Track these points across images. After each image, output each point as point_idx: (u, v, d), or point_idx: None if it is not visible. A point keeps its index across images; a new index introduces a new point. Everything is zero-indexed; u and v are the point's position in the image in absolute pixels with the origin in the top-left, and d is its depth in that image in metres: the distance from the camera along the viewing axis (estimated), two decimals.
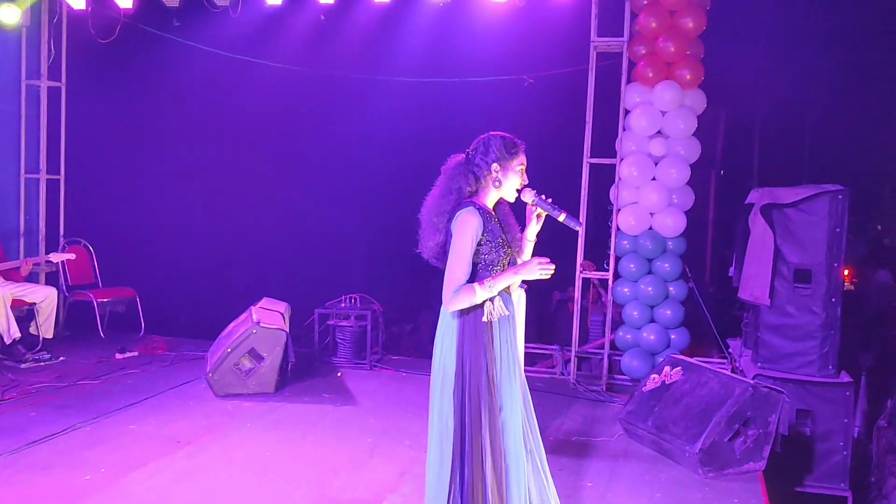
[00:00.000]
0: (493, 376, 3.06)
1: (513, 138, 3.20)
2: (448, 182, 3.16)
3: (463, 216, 3.04)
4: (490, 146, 3.15)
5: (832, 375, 5.60)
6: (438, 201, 3.15)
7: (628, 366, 6.69)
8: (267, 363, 6.08)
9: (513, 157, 3.15)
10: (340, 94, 8.69)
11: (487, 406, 3.04)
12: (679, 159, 6.58)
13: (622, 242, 6.78)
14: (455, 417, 3.07)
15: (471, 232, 3.02)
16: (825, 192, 5.58)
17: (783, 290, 5.68)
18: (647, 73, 6.59)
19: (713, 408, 4.75)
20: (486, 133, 3.21)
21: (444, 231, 3.11)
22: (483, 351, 3.05)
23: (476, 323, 3.06)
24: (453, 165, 3.19)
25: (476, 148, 3.18)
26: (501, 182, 3.14)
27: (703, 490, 4.50)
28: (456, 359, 3.08)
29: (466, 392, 3.04)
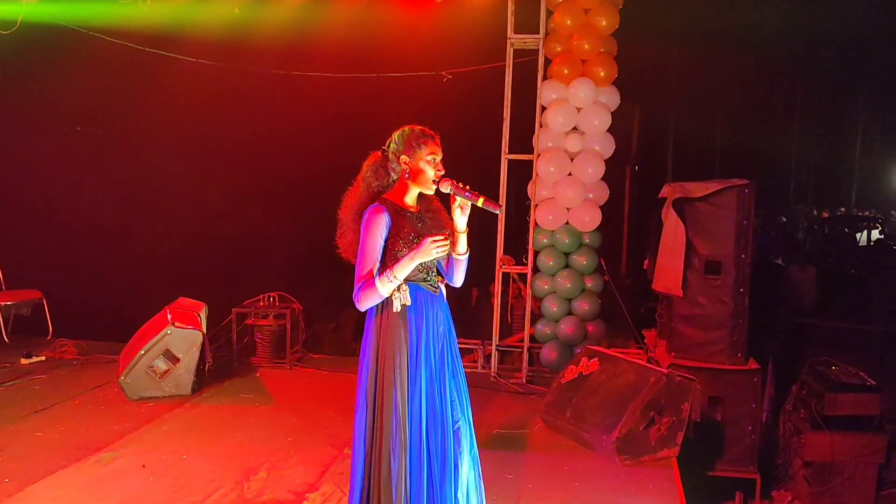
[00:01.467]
0: (405, 374, 3.03)
1: (423, 129, 3.15)
2: (363, 178, 3.15)
3: (366, 215, 3.04)
4: (398, 137, 3.12)
5: (741, 363, 5.81)
6: (353, 200, 3.14)
7: (547, 358, 6.79)
8: (183, 364, 5.93)
9: (421, 147, 3.09)
10: (257, 89, 8.53)
11: (395, 403, 3.02)
12: (594, 155, 6.71)
13: (540, 237, 6.87)
14: (367, 415, 3.07)
15: (375, 229, 3.01)
16: (733, 186, 5.78)
17: (695, 281, 5.86)
18: (563, 70, 6.70)
19: (628, 397, 4.86)
20: (402, 127, 3.18)
21: (357, 230, 3.09)
22: (397, 348, 3.03)
23: (390, 317, 3.05)
24: (369, 162, 3.17)
25: (389, 143, 3.16)
26: (411, 173, 3.10)
27: (620, 478, 4.60)
28: (371, 357, 3.07)
29: (378, 390, 3.04)
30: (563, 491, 4.40)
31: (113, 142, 8.94)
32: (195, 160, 9.12)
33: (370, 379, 3.08)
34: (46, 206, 8.80)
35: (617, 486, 4.48)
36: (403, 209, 3.11)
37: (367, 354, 3.11)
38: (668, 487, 4.48)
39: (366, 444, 3.08)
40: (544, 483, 4.50)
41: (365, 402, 3.09)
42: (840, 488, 6.57)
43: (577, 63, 6.73)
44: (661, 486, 4.50)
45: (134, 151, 9.06)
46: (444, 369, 3.12)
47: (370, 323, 3.11)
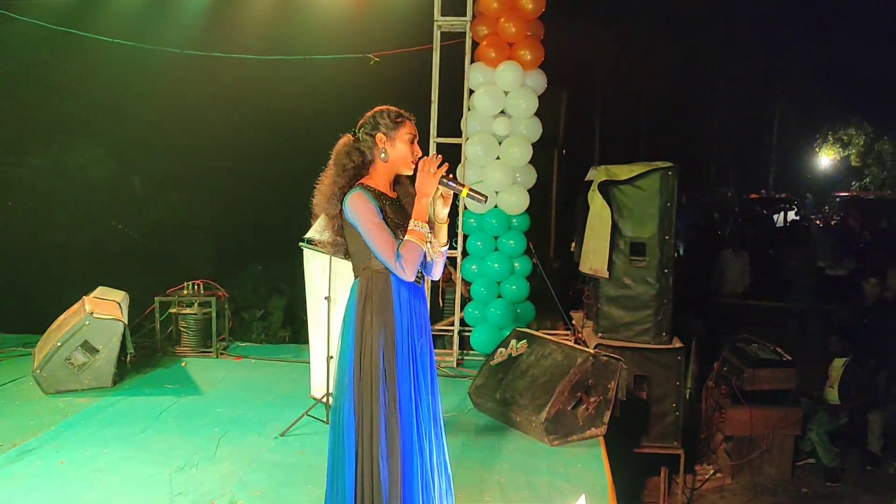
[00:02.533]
0: (394, 369, 2.93)
1: (399, 110, 3.06)
2: (335, 163, 3.01)
3: (352, 200, 2.90)
4: (374, 119, 3.02)
5: (666, 342, 5.96)
6: (330, 186, 2.99)
7: (477, 341, 6.83)
8: (103, 356, 5.73)
9: (398, 126, 3.00)
10: (175, 72, 8.26)
11: (384, 395, 2.92)
12: (522, 139, 6.74)
13: (469, 221, 6.88)
14: (353, 407, 2.93)
15: (370, 207, 2.89)
16: (657, 169, 5.90)
17: (620, 262, 5.97)
18: (490, 53, 6.69)
19: (556, 378, 4.92)
20: (376, 107, 3.06)
21: (337, 217, 2.97)
22: (383, 343, 2.93)
23: (375, 310, 2.94)
24: (340, 145, 3.04)
25: (362, 125, 3.05)
26: (388, 154, 2.99)
27: (550, 457, 4.66)
28: (354, 353, 2.94)
29: (365, 388, 2.92)
30: (494, 472, 4.43)
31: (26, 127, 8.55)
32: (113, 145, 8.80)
33: (354, 376, 2.93)
34: None
35: (546, 466, 4.53)
36: (383, 194, 3.00)
37: (349, 351, 2.96)
38: (596, 465, 4.56)
39: (356, 445, 2.92)
40: (475, 465, 4.52)
41: (350, 401, 2.94)
42: (759, 460, 6.85)
43: (504, 46, 6.74)
44: (589, 464, 4.57)
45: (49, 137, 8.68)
46: (426, 362, 3.07)
47: (352, 317, 2.98)
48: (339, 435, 2.97)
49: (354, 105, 3.26)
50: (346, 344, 2.98)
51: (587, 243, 6.18)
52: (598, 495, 4.11)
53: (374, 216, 2.89)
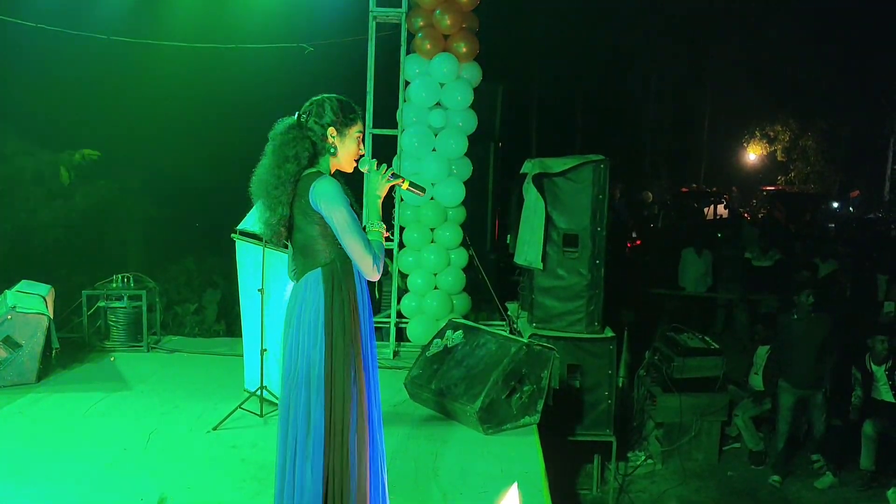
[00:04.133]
0: (360, 360, 2.91)
1: (349, 101, 2.97)
2: (281, 149, 2.85)
3: (327, 185, 2.80)
4: (325, 108, 2.90)
5: (598, 331, 6.09)
6: (275, 171, 2.84)
7: (414, 332, 6.84)
8: (26, 351, 5.56)
9: (351, 122, 2.92)
10: (105, 58, 8.03)
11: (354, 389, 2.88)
12: (457, 131, 6.77)
13: (405, 212, 6.88)
14: (323, 402, 2.86)
15: (344, 197, 2.81)
16: (589, 162, 6.01)
17: (554, 254, 6.06)
18: (426, 45, 6.70)
19: (491, 367, 4.97)
20: (320, 94, 2.95)
21: (287, 205, 2.85)
22: (351, 334, 2.89)
23: (343, 301, 2.88)
24: (284, 130, 2.89)
25: (309, 111, 2.91)
26: (338, 150, 2.91)
27: (484, 446, 4.70)
28: (324, 343, 2.85)
29: (335, 373, 2.87)
30: (430, 461, 4.45)
31: None
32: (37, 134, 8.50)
33: (326, 370, 2.85)
34: None
35: (481, 454, 4.58)
36: None
37: (318, 344, 2.86)
38: (530, 453, 4.63)
39: (325, 438, 2.84)
40: (410, 454, 4.54)
41: (319, 395, 2.85)
42: (688, 446, 7.07)
43: (440, 38, 6.75)
44: (523, 452, 4.64)
45: None
46: (376, 356, 3.07)
47: (319, 309, 2.87)
48: (303, 429, 2.86)
49: (290, 95, 3.23)
50: (313, 337, 2.86)
51: (522, 235, 6.25)
52: (532, 483, 4.17)
53: (349, 209, 2.81)
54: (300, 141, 2.86)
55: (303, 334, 2.89)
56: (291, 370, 2.91)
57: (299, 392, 2.88)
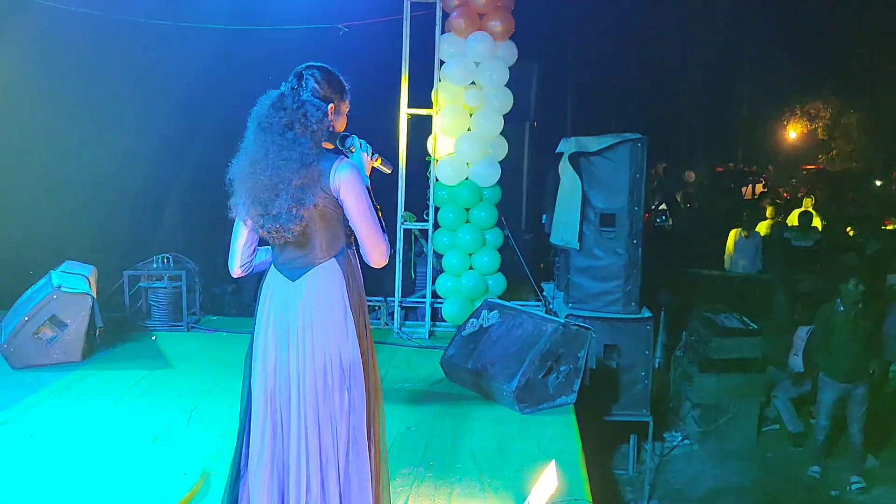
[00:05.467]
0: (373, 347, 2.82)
1: (339, 74, 2.73)
2: (290, 127, 2.54)
3: (349, 171, 2.59)
4: (322, 82, 2.65)
5: (635, 312, 6.04)
6: (291, 153, 2.52)
7: (449, 312, 6.86)
8: (71, 330, 5.68)
9: (346, 96, 2.73)
10: (142, 41, 8.10)
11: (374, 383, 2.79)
12: (493, 110, 6.74)
13: (441, 193, 6.88)
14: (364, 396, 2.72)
15: (366, 180, 2.68)
16: (626, 140, 5.94)
17: (590, 234, 6.02)
18: (461, 23, 6.66)
19: (527, 347, 4.97)
20: (306, 65, 2.68)
21: (315, 192, 2.55)
22: (362, 306, 2.76)
23: (355, 275, 2.74)
24: (284, 105, 2.57)
25: (301, 86, 2.64)
26: (334, 127, 2.71)
27: (521, 425, 4.72)
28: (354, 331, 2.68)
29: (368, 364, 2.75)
30: (466, 440, 4.48)
31: None
32: (79, 116, 8.63)
33: (363, 363, 2.70)
34: None
35: (518, 433, 4.59)
36: None
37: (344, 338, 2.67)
38: (567, 433, 4.63)
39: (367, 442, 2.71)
40: (447, 434, 4.57)
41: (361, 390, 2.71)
42: (725, 427, 7.00)
43: (475, 16, 6.70)
44: (559, 432, 4.64)
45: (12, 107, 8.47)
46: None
47: (342, 300, 2.67)
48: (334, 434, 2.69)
49: None
50: (341, 332, 2.66)
51: (558, 215, 6.23)
52: (569, 462, 4.17)
53: (371, 194, 2.67)
54: (309, 118, 2.57)
55: (321, 334, 2.64)
56: (314, 378, 2.65)
57: (331, 400, 2.66)
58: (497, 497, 3.79)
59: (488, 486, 3.91)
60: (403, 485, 3.88)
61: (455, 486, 3.90)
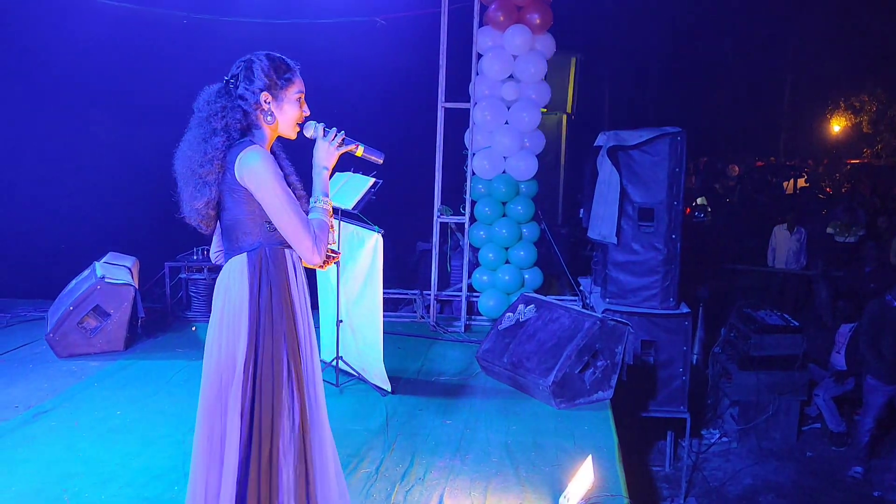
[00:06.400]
0: (298, 357, 2.56)
1: (283, 58, 2.57)
2: (209, 120, 2.48)
3: (252, 158, 2.42)
4: (254, 70, 2.51)
5: (673, 307, 5.98)
6: (201, 146, 2.45)
7: (485, 306, 6.85)
8: (114, 320, 5.78)
9: (287, 83, 2.53)
10: (184, 36, 8.21)
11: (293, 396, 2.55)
12: (530, 103, 6.70)
13: (477, 186, 6.87)
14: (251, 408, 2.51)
15: (275, 170, 2.44)
16: (666, 134, 5.87)
17: (628, 228, 5.96)
18: (499, 16, 6.63)
19: (564, 342, 4.95)
20: (249, 54, 2.57)
21: (215, 184, 2.47)
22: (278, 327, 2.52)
23: (271, 289, 2.51)
24: (211, 99, 2.51)
25: (237, 74, 2.53)
26: (275, 116, 2.53)
27: (557, 420, 4.70)
28: (248, 338, 2.49)
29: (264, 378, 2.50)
30: (502, 434, 4.48)
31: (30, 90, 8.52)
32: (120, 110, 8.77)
33: (248, 373, 2.49)
34: None
35: (554, 428, 4.58)
36: (273, 154, 2.60)
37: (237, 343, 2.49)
38: (603, 428, 4.61)
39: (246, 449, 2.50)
40: (483, 427, 4.58)
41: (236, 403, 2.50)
42: (765, 425, 6.90)
43: (513, 9, 6.67)
44: (596, 427, 4.62)
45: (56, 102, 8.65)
46: (316, 349, 2.76)
47: (242, 301, 2.49)
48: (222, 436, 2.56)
49: (361, 70, 3.20)
50: (235, 332, 2.49)
51: (596, 209, 6.17)
52: (606, 457, 4.16)
53: (284, 183, 2.45)
54: (230, 111, 2.49)
55: (225, 329, 2.51)
56: (209, 376, 2.56)
57: (216, 401, 2.55)
58: (533, 491, 3.79)
59: (524, 480, 3.90)
60: (439, 477, 3.90)
61: (491, 479, 3.90)
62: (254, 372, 2.48)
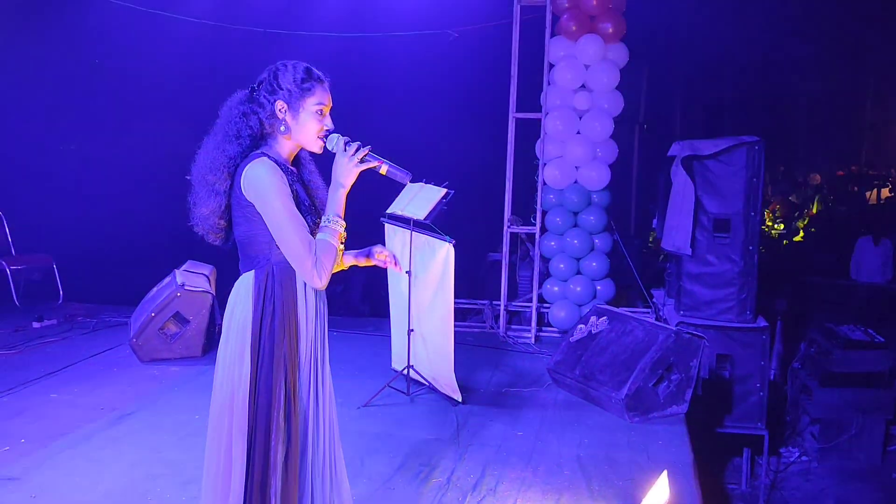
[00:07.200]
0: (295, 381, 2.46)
1: (309, 68, 2.45)
2: (225, 128, 2.42)
3: (256, 171, 2.33)
4: (276, 78, 2.41)
5: (750, 321, 5.81)
6: (213, 154, 2.40)
7: (556, 317, 6.81)
8: (193, 327, 5.96)
9: (306, 93, 2.41)
10: (260, 51, 8.44)
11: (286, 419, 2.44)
12: (603, 113, 6.65)
13: (548, 196, 6.85)
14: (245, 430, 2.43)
15: (279, 185, 2.33)
16: (743, 144, 5.73)
17: (703, 239, 5.84)
18: (571, 26, 6.61)
19: (638, 355, 4.88)
20: (281, 61, 2.47)
21: (223, 194, 2.40)
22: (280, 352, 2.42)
23: (275, 312, 2.42)
24: (233, 104, 2.46)
25: (262, 81, 2.45)
26: (290, 128, 2.42)
27: (630, 434, 4.64)
28: (249, 359, 2.40)
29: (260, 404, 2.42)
30: (573, 447, 4.44)
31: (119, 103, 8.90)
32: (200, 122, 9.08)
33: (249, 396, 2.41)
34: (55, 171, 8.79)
35: (626, 442, 4.51)
36: (287, 168, 2.45)
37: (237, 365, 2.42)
38: (678, 443, 4.52)
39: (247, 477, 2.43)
40: (554, 439, 4.54)
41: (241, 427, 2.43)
42: (848, 444, 6.63)
43: (585, 19, 6.64)
44: (670, 441, 4.54)
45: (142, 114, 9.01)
46: (327, 376, 2.67)
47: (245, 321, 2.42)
48: (223, 462, 2.49)
49: (433, 81, 3.22)
50: (239, 356, 2.41)
51: (669, 220, 6.07)
52: (681, 473, 4.07)
53: (287, 199, 2.34)
54: (247, 118, 2.41)
55: (229, 348, 2.44)
56: (216, 393, 2.49)
57: (221, 419, 2.47)
58: None
59: (597, 494, 3.86)
60: (511, 489, 3.89)
61: (563, 492, 3.87)
62: (255, 393, 2.40)
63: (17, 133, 8.41)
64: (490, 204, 7.22)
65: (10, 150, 8.37)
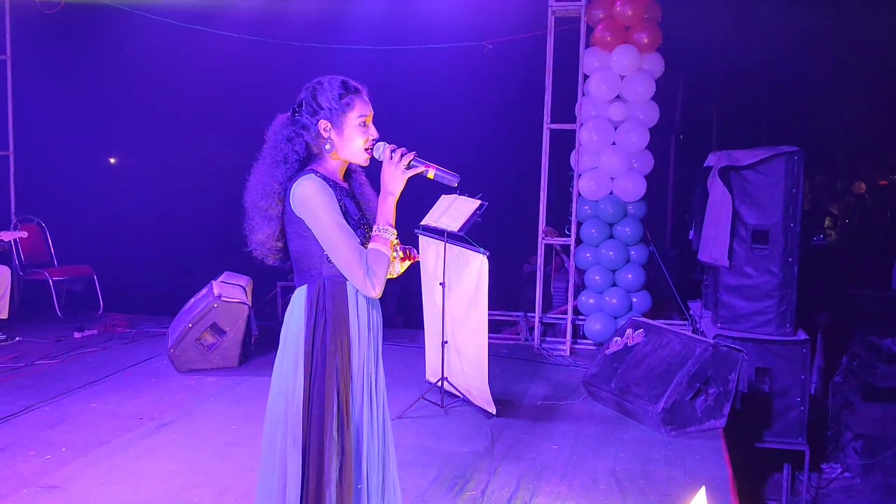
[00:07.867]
0: (348, 394, 2.46)
1: (345, 81, 2.46)
2: (272, 153, 2.46)
3: (305, 189, 2.37)
4: (316, 97, 2.45)
5: (789, 334, 5.71)
6: (263, 180, 2.44)
7: (591, 330, 6.76)
8: (229, 337, 6.02)
9: (347, 108, 2.43)
10: (296, 64, 8.55)
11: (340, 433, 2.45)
12: (638, 123, 6.61)
13: (583, 207, 6.81)
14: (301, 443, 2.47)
15: (326, 198, 2.37)
16: (782, 154, 5.65)
17: (741, 251, 5.75)
18: (606, 37, 6.59)
19: (675, 368, 4.82)
20: (316, 79, 2.49)
21: (276, 218, 2.45)
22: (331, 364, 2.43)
23: (326, 324, 2.44)
24: (277, 128, 2.50)
25: (301, 102, 2.48)
26: (335, 144, 2.45)
27: (666, 448, 4.57)
28: (303, 373, 2.44)
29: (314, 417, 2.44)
30: (609, 461, 4.39)
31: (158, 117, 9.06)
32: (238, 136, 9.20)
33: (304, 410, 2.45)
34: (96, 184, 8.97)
35: (663, 457, 4.45)
36: (337, 183, 2.48)
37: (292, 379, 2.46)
38: (716, 458, 4.45)
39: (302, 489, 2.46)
40: (589, 453, 4.50)
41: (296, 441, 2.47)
42: (892, 460, 6.47)
43: (620, 29, 6.61)
44: (708, 456, 4.46)
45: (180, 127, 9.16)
46: (382, 389, 2.67)
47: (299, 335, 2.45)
48: (278, 477, 2.52)
49: (468, 93, 3.22)
50: (293, 369, 2.45)
51: (706, 231, 6.00)
52: (719, 489, 4.00)
53: (336, 213, 2.37)
54: (293, 142, 2.45)
55: (284, 364, 2.48)
56: (270, 405, 2.54)
57: (275, 431, 2.52)
58: None
59: None
60: (546, 503, 3.85)
61: None
62: (308, 405, 2.44)
63: (59, 146, 8.60)
64: (525, 215, 7.20)
65: (52, 163, 8.56)
